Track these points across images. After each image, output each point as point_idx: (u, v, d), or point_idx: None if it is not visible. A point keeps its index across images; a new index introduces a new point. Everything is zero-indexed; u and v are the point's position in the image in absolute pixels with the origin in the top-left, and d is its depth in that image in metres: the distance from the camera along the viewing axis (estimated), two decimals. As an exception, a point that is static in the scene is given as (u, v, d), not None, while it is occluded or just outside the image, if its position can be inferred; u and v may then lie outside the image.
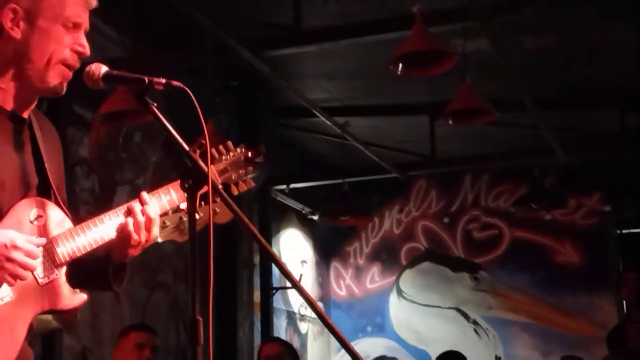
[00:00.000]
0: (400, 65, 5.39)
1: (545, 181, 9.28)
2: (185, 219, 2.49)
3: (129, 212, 2.39)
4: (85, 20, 2.40)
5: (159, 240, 2.49)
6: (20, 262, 2.15)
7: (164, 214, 2.49)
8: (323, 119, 8.17)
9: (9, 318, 2.18)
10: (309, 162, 10.19)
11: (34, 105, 2.42)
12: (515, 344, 10.26)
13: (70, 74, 2.39)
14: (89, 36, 2.47)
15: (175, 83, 2.22)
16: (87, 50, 2.40)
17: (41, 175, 2.38)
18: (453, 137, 8.73)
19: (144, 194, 2.44)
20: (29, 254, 2.18)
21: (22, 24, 2.32)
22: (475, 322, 10.44)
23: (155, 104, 2.23)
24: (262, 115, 8.47)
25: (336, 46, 6.73)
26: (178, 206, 2.52)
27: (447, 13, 5.91)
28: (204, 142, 2.15)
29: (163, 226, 2.49)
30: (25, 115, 2.39)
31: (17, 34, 2.32)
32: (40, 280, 2.26)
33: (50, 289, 2.29)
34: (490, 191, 10.60)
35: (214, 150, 2.61)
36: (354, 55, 7.25)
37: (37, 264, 2.23)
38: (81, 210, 6.11)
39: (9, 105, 2.35)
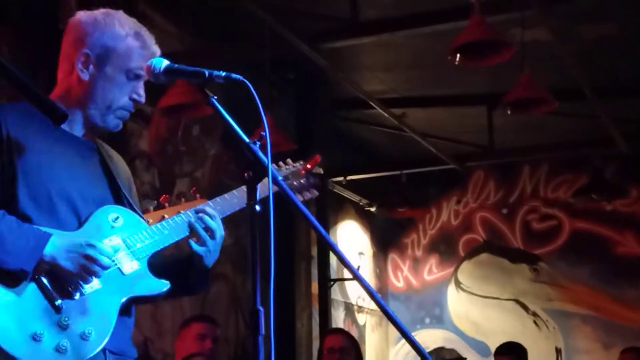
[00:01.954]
0: (458, 55, 5.37)
1: (606, 171, 9.16)
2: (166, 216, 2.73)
3: (191, 227, 2.62)
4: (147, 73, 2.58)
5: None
6: (95, 259, 2.37)
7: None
8: (380, 110, 8.16)
9: (99, 303, 2.42)
10: (366, 153, 10.18)
11: (99, 134, 2.69)
12: (576, 336, 10.15)
13: (127, 116, 2.66)
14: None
15: (235, 76, 2.27)
16: (143, 99, 2.65)
17: (113, 189, 2.65)
18: (511, 127, 8.64)
19: (201, 207, 2.68)
20: (103, 252, 2.40)
21: (91, 68, 2.58)
22: (534, 314, 10.35)
23: (215, 97, 2.27)
24: (319, 108, 8.48)
25: (393, 37, 6.71)
26: None
27: (505, 2, 5.86)
28: (264, 134, 2.20)
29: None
30: (92, 141, 2.66)
31: (85, 76, 2.58)
32: (124, 271, 2.49)
33: (134, 278, 2.51)
34: (550, 182, 10.48)
35: (274, 165, 2.74)
36: (411, 46, 7.23)
37: (121, 258, 2.49)
38: (141, 204, 6.18)
39: (80, 132, 2.62)
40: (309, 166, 3.03)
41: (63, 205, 2.47)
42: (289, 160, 2.99)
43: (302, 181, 3.00)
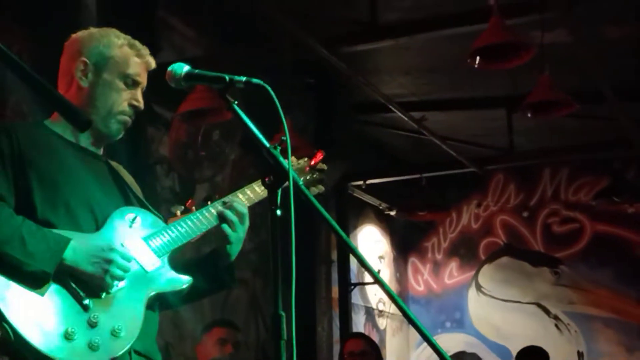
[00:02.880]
0: (478, 58, 5.35)
1: (627, 173, 9.10)
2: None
3: (223, 214, 2.71)
4: (143, 80, 2.74)
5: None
6: (117, 262, 2.45)
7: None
8: (399, 114, 8.15)
9: (126, 300, 2.49)
10: (386, 157, 10.17)
11: (103, 144, 2.76)
12: (598, 339, 10.09)
13: (128, 122, 2.73)
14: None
15: (256, 81, 2.28)
16: (141, 105, 2.72)
17: (124, 194, 2.74)
18: (531, 130, 8.61)
19: (229, 197, 2.78)
20: (124, 255, 2.48)
21: (90, 75, 2.68)
22: (556, 317, 10.30)
23: (236, 102, 2.29)
24: (338, 112, 8.48)
25: (412, 41, 6.70)
26: None
27: (525, 4, 5.84)
28: (284, 138, 2.21)
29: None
30: (100, 152, 2.76)
31: (84, 83, 2.67)
32: (147, 268, 2.57)
33: (156, 274, 2.59)
34: (571, 184, 10.43)
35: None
36: (430, 49, 7.21)
37: (142, 256, 2.57)
38: (162, 209, 6.21)
39: (85, 143, 2.70)
40: (312, 163, 3.10)
41: (80, 209, 2.54)
42: (292, 158, 3.01)
43: (307, 178, 3.07)
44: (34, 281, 2.34)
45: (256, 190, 2.86)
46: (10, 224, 2.36)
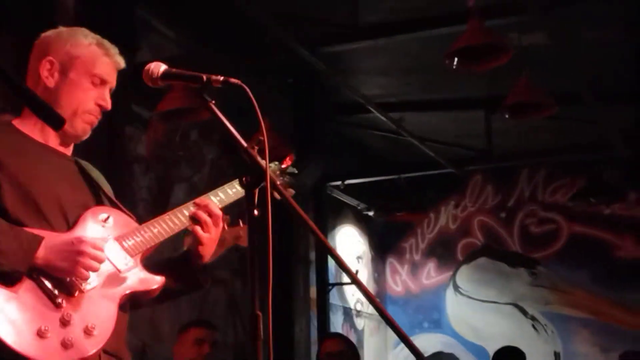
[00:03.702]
0: (456, 59, 5.37)
1: (604, 175, 9.15)
2: (242, 235, 2.92)
3: (195, 216, 2.69)
4: (112, 80, 2.71)
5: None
6: (89, 253, 2.41)
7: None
8: (378, 114, 8.16)
9: (98, 299, 2.48)
10: (364, 158, 10.17)
11: (72, 146, 2.74)
12: (574, 340, 10.14)
13: (94, 122, 2.69)
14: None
15: (233, 80, 2.27)
16: (108, 105, 2.69)
17: (95, 194, 2.71)
18: (509, 131, 8.64)
19: (201, 198, 2.76)
20: (95, 246, 2.44)
21: (56, 74, 2.65)
22: (533, 318, 10.34)
23: (213, 102, 2.28)
24: (317, 112, 8.47)
25: (391, 42, 6.72)
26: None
27: (503, 6, 5.86)
28: (262, 138, 2.20)
29: (221, 243, 2.81)
30: (68, 152, 2.73)
31: (50, 82, 2.64)
32: (120, 268, 2.55)
33: (129, 274, 2.58)
34: (548, 185, 10.47)
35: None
36: (408, 50, 7.22)
37: (114, 255, 2.55)
38: (139, 208, 6.18)
39: (53, 144, 2.68)
40: (283, 166, 3.10)
41: (51, 209, 2.52)
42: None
43: (279, 180, 3.04)
44: (6, 279, 2.33)
45: (228, 193, 2.85)
46: None
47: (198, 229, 2.68)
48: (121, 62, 2.74)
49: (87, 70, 2.66)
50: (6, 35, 4.92)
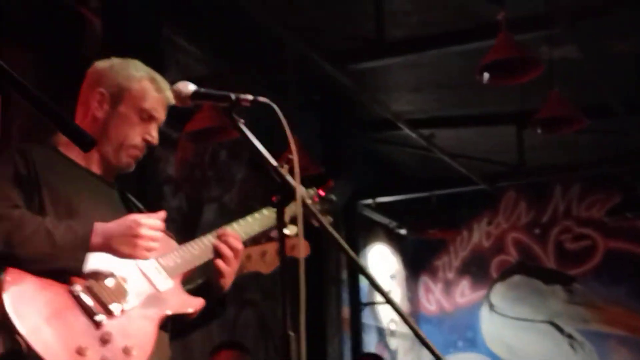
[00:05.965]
0: (486, 74, 5.31)
1: (639, 188, 9.02)
2: (269, 250, 2.91)
3: (217, 249, 2.68)
4: (160, 115, 2.73)
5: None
6: (147, 235, 2.47)
7: (249, 246, 2.82)
8: (408, 131, 8.11)
9: (138, 319, 2.48)
10: (395, 175, 10.11)
11: (114, 175, 2.76)
12: (612, 358, 9.98)
13: (139, 156, 2.72)
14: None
15: (262, 99, 2.25)
16: (155, 141, 2.72)
17: None
18: (541, 146, 8.55)
19: (227, 230, 2.73)
20: (153, 227, 2.50)
21: (106, 106, 2.68)
22: (570, 336, 10.20)
23: (242, 121, 2.26)
24: (345, 129, 8.44)
25: (420, 57, 6.67)
26: (263, 236, 2.86)
27: (533, 20, 5.80)
28: (291, 157, 2.18)
29: (247, 258, 2.86)
30: (111, 180, 2.76)
31: (100, 114, 2.68)
32: (159, 288, 2.56)
33: (169, 295, 2.59)
34: (582, 201, 10.35)
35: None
36: (438, 65, 7.18)
37: (154, 275, 2.57)
38: (169, 229, 6.16)
39: (97, 171, 2.70)
40: (322, 193, 3.06)
41: None
42: (301, 187, 3.02)
43: (316, 208, 2.99)
44: (59, 278, 2.38)
45: (250, 222, 2.83)
46: (34, 220, 2.39)
47: (220, 262, 2.68)
48: (171, 98, 2.67)
49: (137, 104, 2.68)
50: (26, 52, 4.93)
